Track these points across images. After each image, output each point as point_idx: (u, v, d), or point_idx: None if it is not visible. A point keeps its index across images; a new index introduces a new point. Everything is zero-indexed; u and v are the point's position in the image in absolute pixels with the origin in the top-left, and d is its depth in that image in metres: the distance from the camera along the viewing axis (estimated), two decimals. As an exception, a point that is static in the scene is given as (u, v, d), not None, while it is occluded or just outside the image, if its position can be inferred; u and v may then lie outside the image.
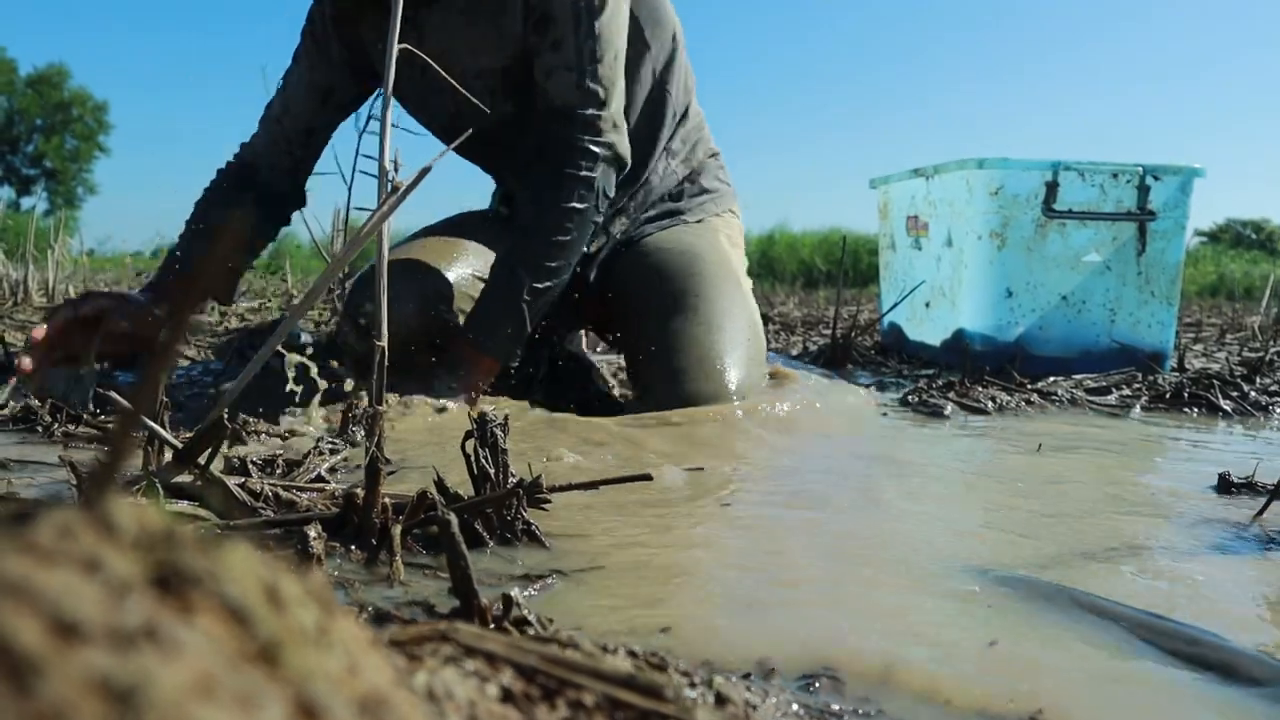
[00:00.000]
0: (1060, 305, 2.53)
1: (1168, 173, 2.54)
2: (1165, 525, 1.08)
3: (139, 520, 0.17)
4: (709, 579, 0.83)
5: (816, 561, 0.88)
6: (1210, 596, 0.83)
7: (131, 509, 0.18)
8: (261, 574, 0.18)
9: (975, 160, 2.47)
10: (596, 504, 1.06)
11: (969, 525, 1.04)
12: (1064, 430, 1.78)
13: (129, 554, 0.16)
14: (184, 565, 0.17)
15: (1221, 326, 4.64)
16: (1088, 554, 0.94)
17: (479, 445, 0.89)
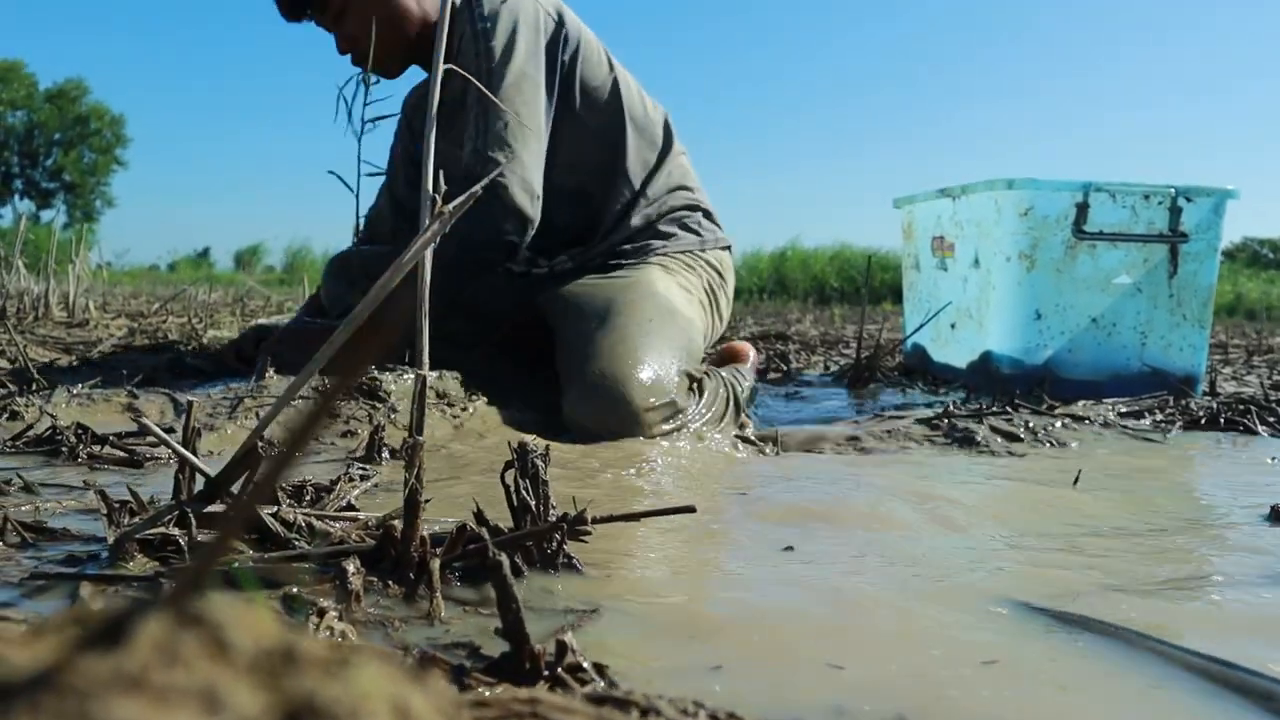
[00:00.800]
0: (1090, 328, 2.49)
1: (1200, 194, 2.50)
2: (1224, 560, 1.05)
3: (253, 633, 0.15)
4: (754, 611, 0.80)
5: (867, 592, 0.85)
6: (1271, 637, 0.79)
7: (238, 613, 0.16)
8: (394, 695, 0.16)
9: (1005, 181, 2.44)
10: (623, 533, 1.03)
11: (1027, 558, 1.01)
12: (1102, 456, 1.75)
13: (250, 682, 0.14)
14: (316, 696, 0.14)
15: (1247, 348, 4.59)
16: (1159, 592, 0.91)
17: (519, 476, 0.87)
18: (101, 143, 35.83)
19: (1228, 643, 0.78)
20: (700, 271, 2.17)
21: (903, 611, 0.82)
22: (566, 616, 0.77)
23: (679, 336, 1.91)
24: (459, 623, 0.75)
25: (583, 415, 1.73)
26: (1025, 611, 0.82)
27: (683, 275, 2.13)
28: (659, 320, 1.90)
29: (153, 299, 5.19)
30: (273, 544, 0.88)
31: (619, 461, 1.49)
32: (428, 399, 1.93)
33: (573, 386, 1.78)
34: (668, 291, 2.02)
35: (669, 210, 2.19)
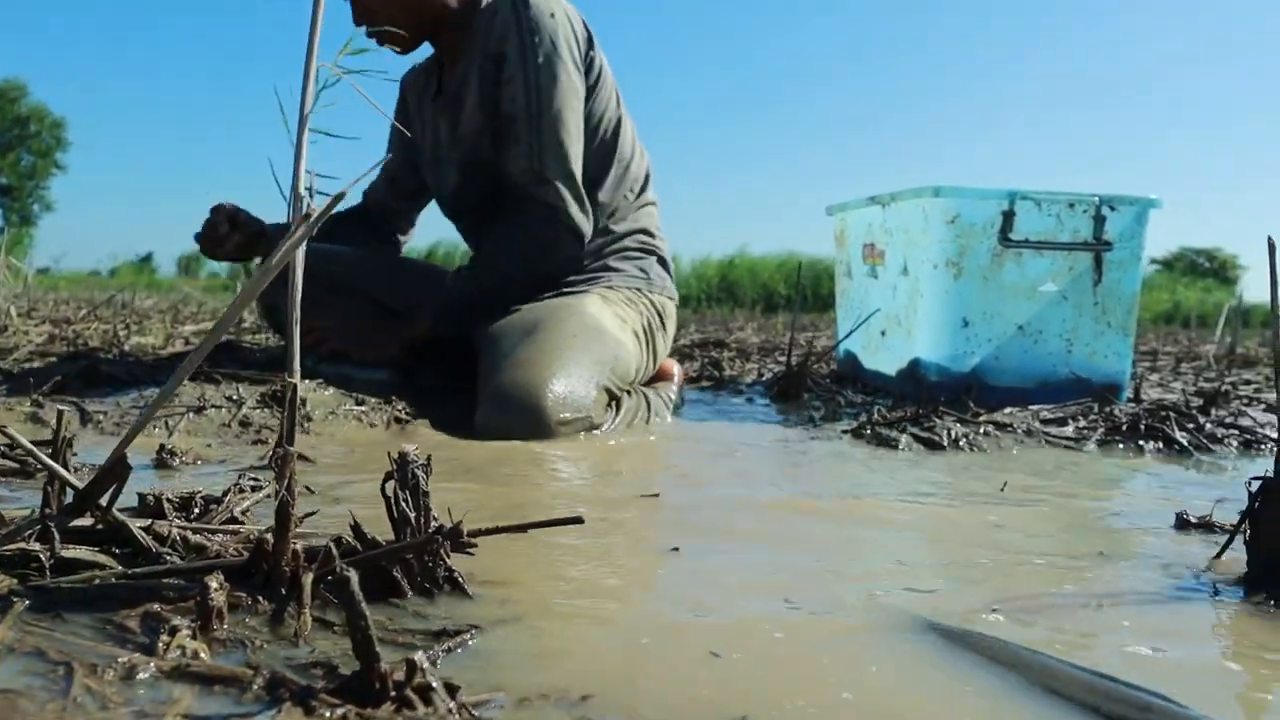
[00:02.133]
0: (1017, 335, 2.51)
1: (1124, 203, 2.53)
2: (1121, 568, 1.05)
3: None
4: (639, 628, 0.78)
5: (753, 609, 0.83)
6: (1167, 652, 0.79)
7: None
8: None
9: (931, 189, 2.45)
10: (523, 544, 1.01)
11: (917, 569, 1.00)
12: (1020, 465, 1.75)
13: None
14: None
15: (1177, 355, 4.66)
16: (1039, 602, 0.90)
17: (399, 487, 0.84)
18: (40, 145, 35.10)
19: (1112, 655, 0.77)
20: (641, 309, 2.17)
21: (789, 627, 0.80)
22: (440, 638, 0.74)
23: (603, 353, 1.89)
24: (324, 641, 0.72)
25: (494, 424, 1.71)
26: (911, 624, 0.81)
27: (621, 307, 2.12)
28: (583, 337, 1.88)
29: (82, 304, 5.07)
30: (144, 558, 0.84)
31: (529, 466, 1.47)
32: (348, 407, 1.90)
33: (486, 395, 1.75)
34: (599, 314, 2.01)
35: (624, 249, 2.21)
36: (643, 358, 2.14)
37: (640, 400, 1.97)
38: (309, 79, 0.76)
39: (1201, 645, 0.81)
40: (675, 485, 1.41)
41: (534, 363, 1.77)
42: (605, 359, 1.88)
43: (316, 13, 0.78)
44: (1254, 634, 0.85)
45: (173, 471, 1.39)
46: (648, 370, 2.23)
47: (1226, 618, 0.90)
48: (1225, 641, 0.83)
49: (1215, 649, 0.81)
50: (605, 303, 2.08)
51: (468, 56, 2.10)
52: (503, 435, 1.70)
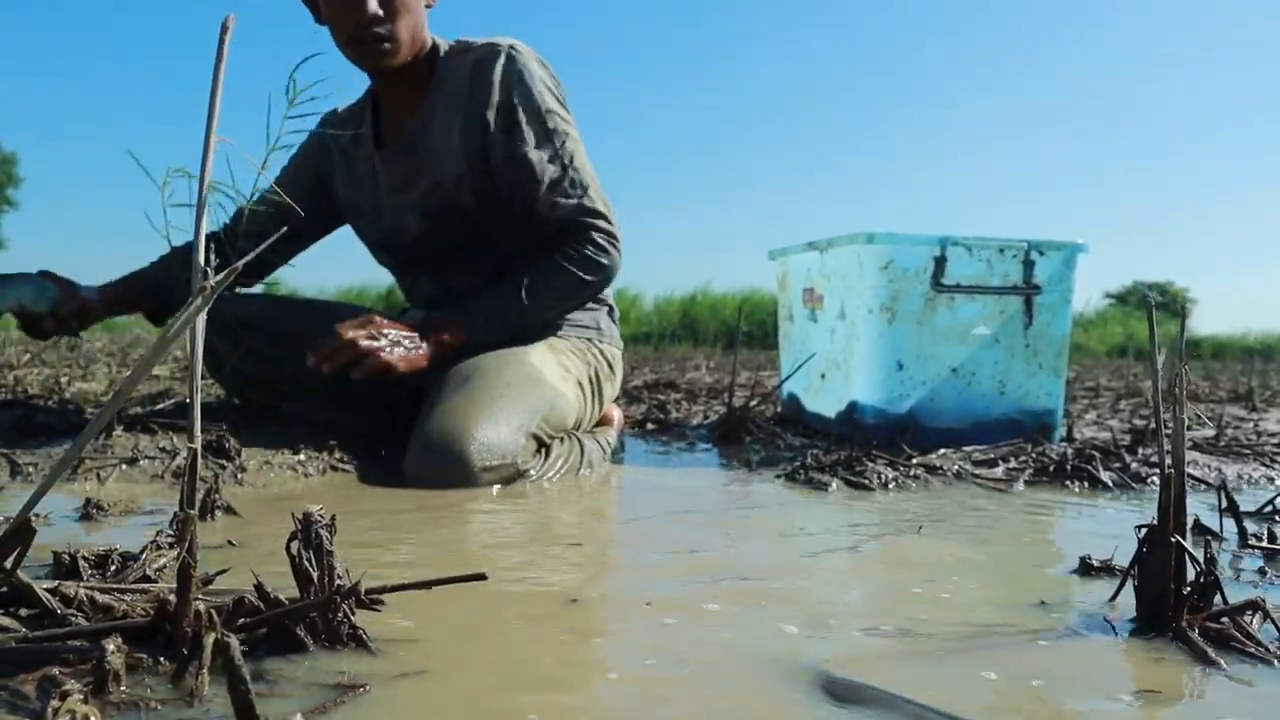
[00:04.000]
0: (951, 377, 2.56)
1: (1052, 248, 2.60)
2: (1017, 612, 1.08)
3: None
4: (536, 681, 0.80)
5: (642, 662, 0.86)
6: (1053, 696, 0.82)
7: None
8: None
9: (865, 235, 2.50)
10: (439, 597, 1.03)
11: (823, 618, 1.03)
12: (943, 506, 1.79)
13: None
14: None
15: (1119, 392, 4.75)
16: (929, 646, 0.93)
17: (302, 547, 0.86)
18: (-8, 184, 34.68)
19: (1002, 699, 0.80)
20: (589, 358, 2.21)
21: (681, 682, 0.83)
22: (335, 692, 0.76)
23: (537, 401, 1.91)
24: (221, 700, 0.74)
25: (420, 470, 1.74)
26: (802, 674, 0.84)
27: (567, 356, 2.15)
28: (518, 385, 1.91)
29: (28, 348, 5.03)
30: (50, 620, 0.86)
31: (455, 516, 1.49)
32: (282, 457, 1.91)
33: (415, 441, 1.78)
34: (540, 363, 2.04)
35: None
36: (585, 407, 2.17)
37: (573, 446, 2.00)
38: (208, 153, 0.79)
39: (1088, 688, 0.85)
40: (596, 532, 1.44)
41: (462, 410, 1.80)
42: (538, 407, 1.90)
43: (216, 86, 0.81)
44: (1144, 676, 0.89)
45: (98, 524, 1.40)
46: (592, 418, 2.26)
47: (1116, 661, 0.94)
48: (1112, 684, 0.86)
49: (1102, 692, 0.84)
50: (551, 351, 2.12)
51: (430, 105, 2.10)
52: (429, 482, 1.72)
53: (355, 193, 2.26)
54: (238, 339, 2.15)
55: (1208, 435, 2.85)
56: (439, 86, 2.09)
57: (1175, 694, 0.85)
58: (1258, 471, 2.39)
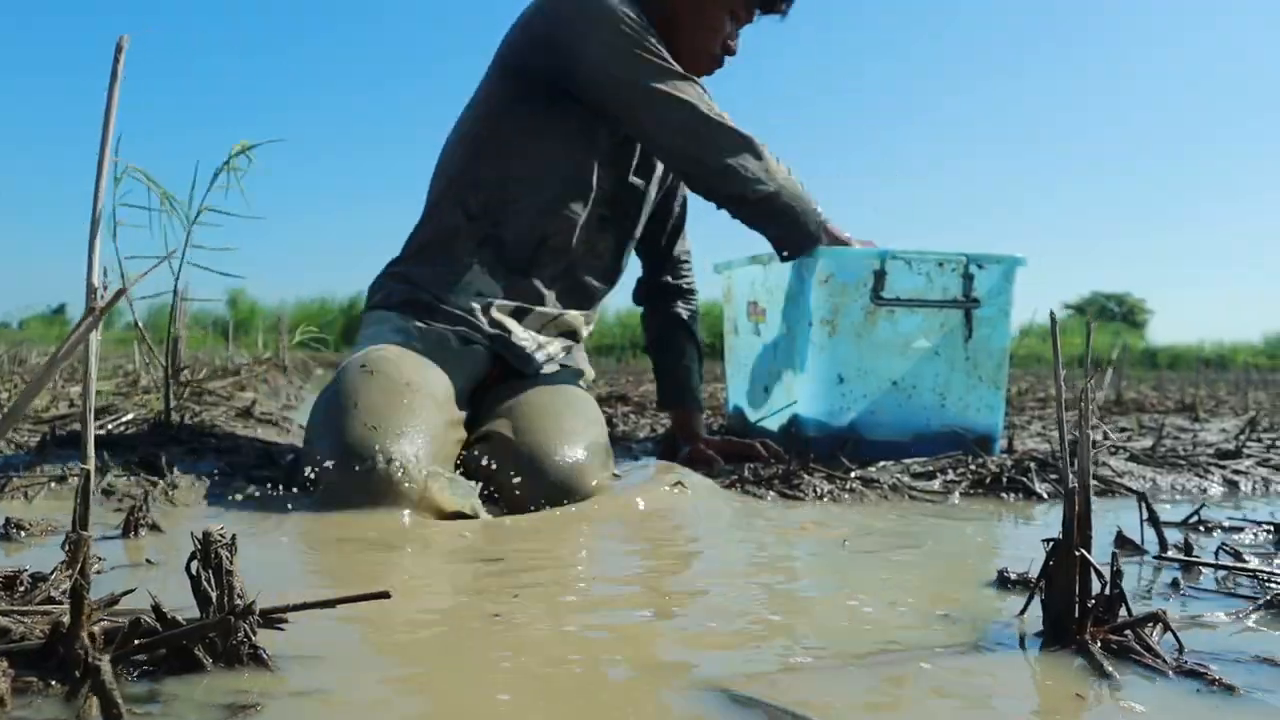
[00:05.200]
0: (891, 390, 2.59)
1: (991, 261, 2.63)
2: (927, 625, 1.10)
3: None
4: (435, 697, 0.81)
5: (550, 671, 0.86)
6: (958, 709, 0.83)
7: None
8: None
9: (805, 249, 2.52)
10: (357, 618, 1.03)
11: (734, 630, 1.04)
12: (874, 520, 1.81)
13: None
14: None
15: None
16: (832, 661, 0.94)
17: (202, 567, 0.86)
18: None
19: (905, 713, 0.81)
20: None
21: (583, 691, 0.84)
22: (230, 708, 0.76)
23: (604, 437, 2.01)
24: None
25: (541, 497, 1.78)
26: (700, 689, 0.85)
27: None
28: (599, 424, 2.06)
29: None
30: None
31: (373, 539, 1.48)
32: (219, 477, 1.90)
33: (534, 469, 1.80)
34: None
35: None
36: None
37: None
38: (101, 173, 0.79)
39: (984, 701, 0.86)
40: (519, 549, 1.44)
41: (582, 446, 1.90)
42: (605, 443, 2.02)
43: (111, 106, 0.81)
44: (1041, 688, 0.91)
45: (18, 544, 1.38)
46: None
47: (1016, 674, 0.95)
48: (1009, 696, 0.88)
49: (997, 704, 0.86)
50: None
51: None
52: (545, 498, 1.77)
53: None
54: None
55: (1145, 446, 2.90)
56: None
57: (1068, 706, 0.86)
58: (1191, 482, 2.43)
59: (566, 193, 2.14)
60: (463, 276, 2.08)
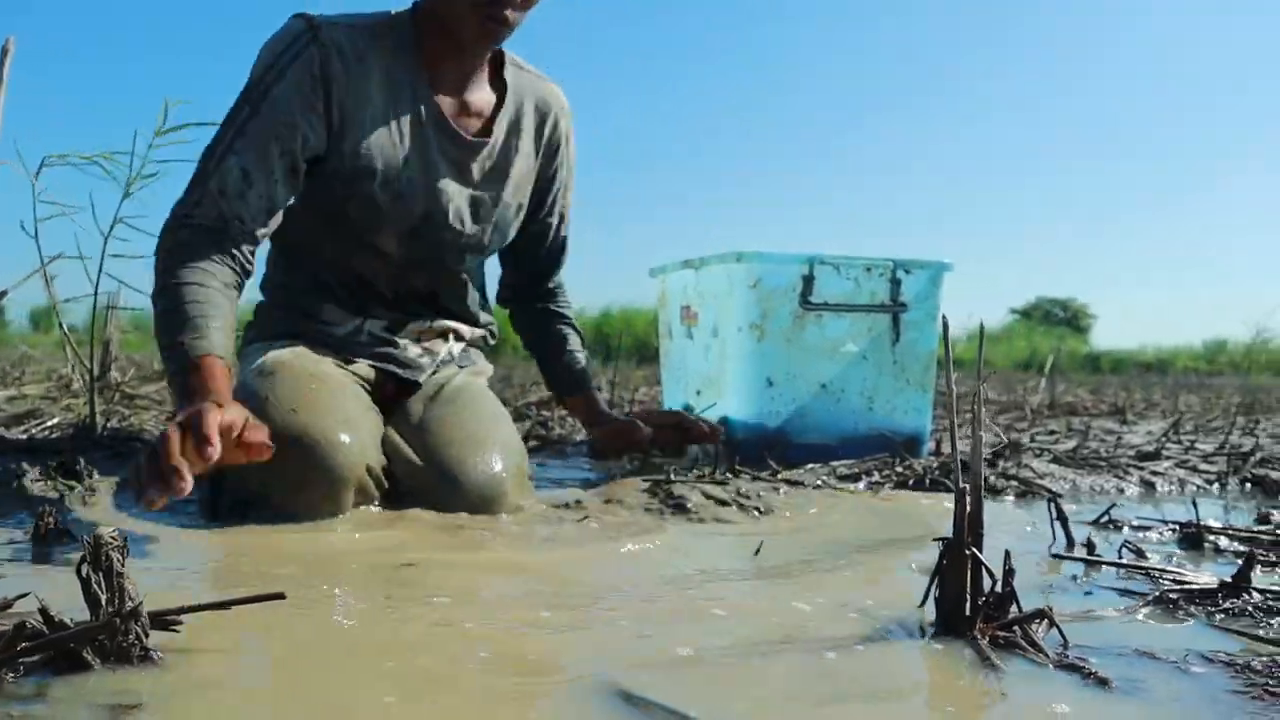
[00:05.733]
0: (820, 394, 2.62)
1: (918, 267, 2.68)
2: (829, 621, 1.12)
3: None
4: (319, 695, 0.82)
5: (436, 668, 0.87)
6: (847, 699, 0.86)
7: None
8: None
9: (734, 254, 2.55)
10: (258, 620, 1.03)
11: (617, 628, 1.06)
12: (794, 521, 1.83)
13: None
14: None
15: (1001, 406, 4.89)
16: (730, 656, 0.96)
17: (92, 569, 0.86)
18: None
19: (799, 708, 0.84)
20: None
21: (475, 690, 0.85)
22: (114, 709, 0.77)
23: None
24: (-11, 724, 0.74)
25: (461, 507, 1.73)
26: (596, 686, 0.87)
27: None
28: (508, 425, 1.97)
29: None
30: None
31: (290, 544, 1.49)
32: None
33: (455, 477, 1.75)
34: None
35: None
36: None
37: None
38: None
39: (870, 692, 0.89)
40: (430, 551, 1.44)
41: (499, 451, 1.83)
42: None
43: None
44: (937, 679, 0.94)
45: (-76, 550, 1.37)
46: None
47: (914, 666, 0.98)
48: (894, 688, 0.90)
49: (881, 694, 0.88)
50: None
51: (507, 121, 1.93)
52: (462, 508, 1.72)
53: (383, 151, 1.79)
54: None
55: (1068, 448, 2.96)
56: (514, 106, 1.94)
57: (952, 697, 0.89)
58: (1110, 483, 2.49)
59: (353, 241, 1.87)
60: (323, 308, 1.91)
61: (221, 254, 1.63)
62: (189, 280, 1.57)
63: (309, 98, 1.69)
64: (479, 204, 1.91)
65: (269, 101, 1.67)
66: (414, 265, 1.93)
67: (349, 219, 1.82)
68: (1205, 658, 1.03)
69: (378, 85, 1.77)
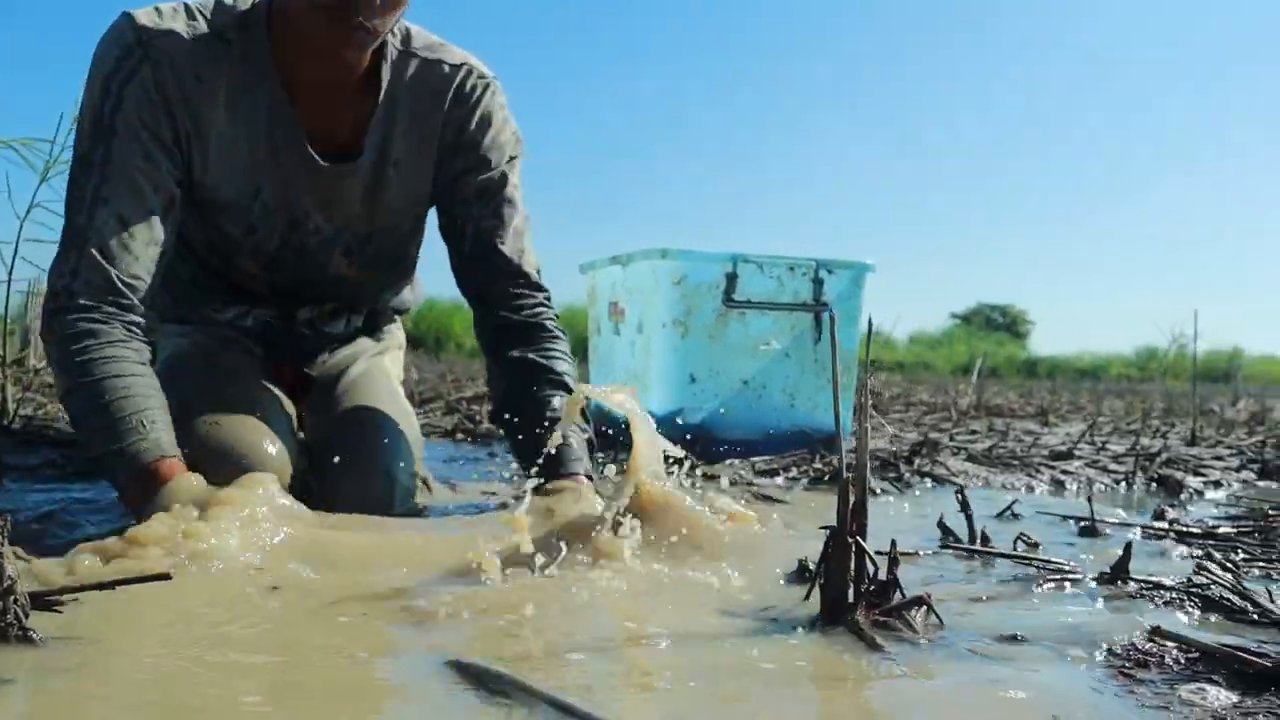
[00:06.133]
0: (742, 390, 2.66)
1: (840, 267, 2.73)
2: (714, 614, 1.15)
3: None
4: (182, 675, 0.83)
5: (320, 645, 0.89)
6: (719, 683, 0.88)
7: None
8: None
9: (659, 251, 2.58)
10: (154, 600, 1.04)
11: (490, 625, 1.07)
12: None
13: None
14: None
15: (926, 408, 4.98)
16: (608, 647, 0.99)
17: (-28, 550, 0.87)
18: None
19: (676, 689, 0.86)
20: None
21: (352, 666, 0.86)
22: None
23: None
24: None
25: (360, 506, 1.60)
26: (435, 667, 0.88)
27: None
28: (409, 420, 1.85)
29: None
30: None
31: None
32: (47, 476, 1.87)
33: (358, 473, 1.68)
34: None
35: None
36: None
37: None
38: None
39: (763, 671, 0.92)
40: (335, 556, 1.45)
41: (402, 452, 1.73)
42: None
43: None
44: (816, 661, 0.97)
45: None
46: None
47: (797, 650, 1.01)
48: (786, 669, 0.94)
49: (773, 675, 0.91)
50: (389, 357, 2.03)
51: (386, 121, 1.63)
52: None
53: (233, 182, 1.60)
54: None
55: (984, 448, 3.02)
56: (391, 109, 1.63)
57: (828, 677, 0.93)
58: (1022, 480, 2.55)
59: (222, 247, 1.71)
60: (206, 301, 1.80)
61: (124, 325, 1.45)
62: (103, 374, 1.40)
63: (152, 125, 1.49)
64: (352, 233, 1.70)
65: (118, 136, 1.47)
66: (290, 282, 1.77)
67: (208, 244, 1.69)
68: (1078, 640, 1.07)
69: (225, 104, 1.54)
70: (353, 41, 1.46)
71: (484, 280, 1.74)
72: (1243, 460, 3.03)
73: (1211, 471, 2.79)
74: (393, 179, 1.66)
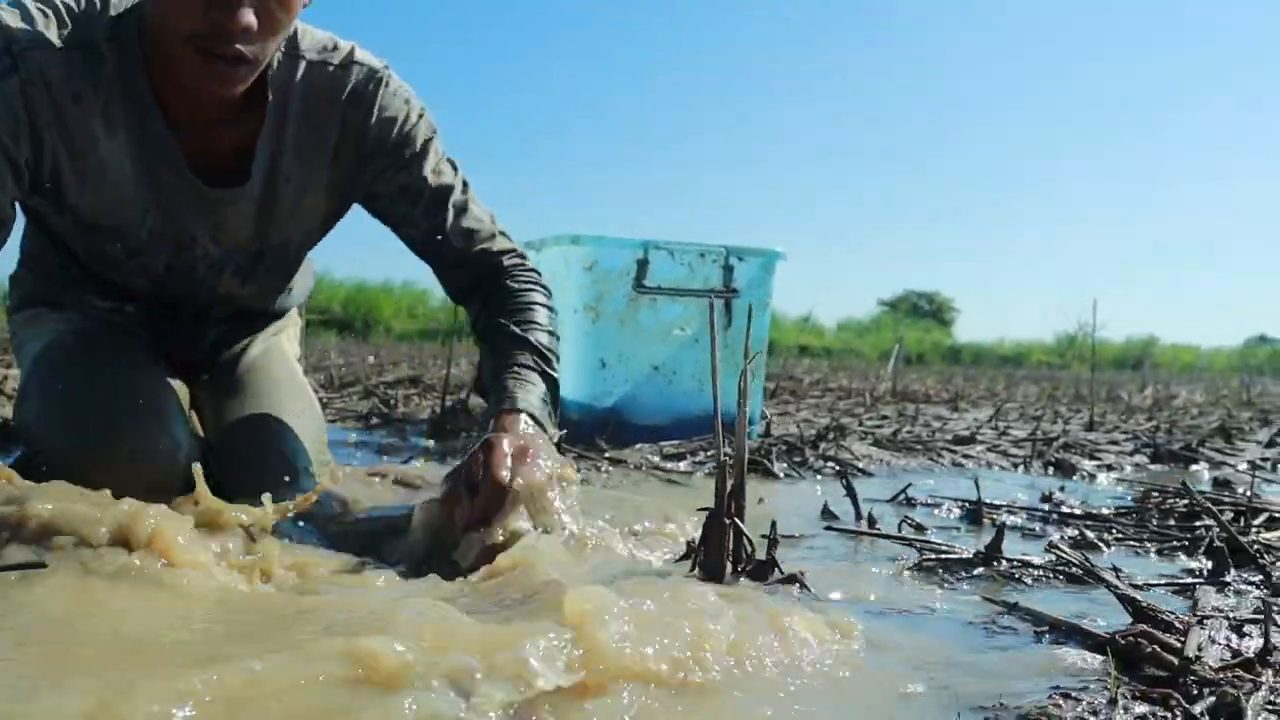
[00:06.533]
0: (652, 375, 2.69)
1: (750, 254, 2.77)
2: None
3: None
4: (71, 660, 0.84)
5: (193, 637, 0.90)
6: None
7: None
8: None
9: (570, 236, 2.60)
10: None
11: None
12: (606, 497, 1.89)
13: None
14: None
15: (841, 393, 5.06)
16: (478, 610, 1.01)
17: None
18: None
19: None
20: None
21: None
22: None
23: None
24: None
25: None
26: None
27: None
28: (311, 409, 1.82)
29: None
30: None
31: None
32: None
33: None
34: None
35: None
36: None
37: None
38: None
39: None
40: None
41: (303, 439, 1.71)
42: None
43: None
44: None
45: None
46: None
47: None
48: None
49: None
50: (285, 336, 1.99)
51: (272, 136, 1.51)
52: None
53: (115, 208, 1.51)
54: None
55: (890, 432, 3.10)
56: (278, 123, 1.52)
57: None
58: (924, 464, 2.62)
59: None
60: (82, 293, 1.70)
61: None
62: None
63: (6, 140, 1.33)
64: (242, 254, 1.62)
65: None
66: (177, 295, 1.69)
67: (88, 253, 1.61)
68: (948, 613, 1.12)
69: (101, 126, 1.43)
70: (230, 77, 1.32)
71: (452, 278, 1.67)
72: (1137, 445, 3.14)
73: (1106, 455, 2.89)
74: (286, 195, 1.56)
